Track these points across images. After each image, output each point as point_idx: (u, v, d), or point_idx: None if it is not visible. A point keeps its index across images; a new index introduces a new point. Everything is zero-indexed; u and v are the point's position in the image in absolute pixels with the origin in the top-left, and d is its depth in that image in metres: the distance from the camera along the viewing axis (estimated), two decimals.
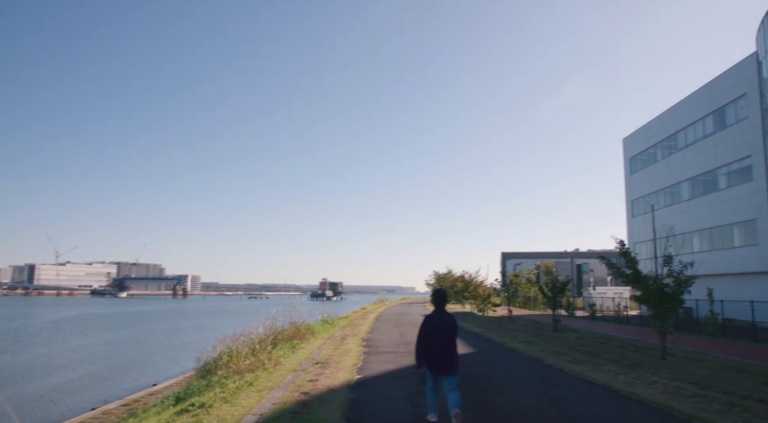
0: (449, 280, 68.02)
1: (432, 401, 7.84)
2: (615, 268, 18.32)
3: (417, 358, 7.66)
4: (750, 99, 36.38)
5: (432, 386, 7.84)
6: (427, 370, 7.68)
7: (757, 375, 13.72)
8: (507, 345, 20.63)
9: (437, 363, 7.52)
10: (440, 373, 7.55)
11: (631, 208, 54.15)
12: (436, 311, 7.88)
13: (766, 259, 34.45)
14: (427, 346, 7.57)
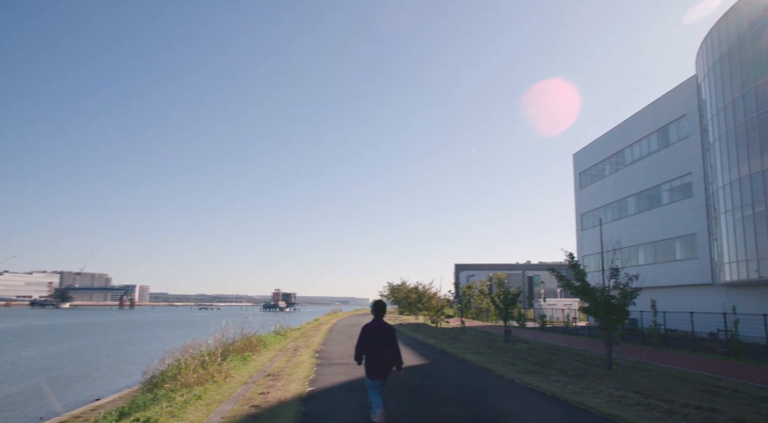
0: (403, 292, 68.14)
1: (376, 400, 8.29)
2: (564, 281, 18.74)
3: (356, 358, 8.31)
4: (690, 119, 38.08)
5: (371, 388, 8.34)
6: (366, 373, 8.28)
7: (695, 383, 14.23)
8: (459, 356, 20.78)
9: (374, 368, 8.17)
10: (377, 376, 8.17)
11: (581, 221, 55.67)
12: (374, 321, 8.50)
13: (704, 272, 35.92)
14: (365, 352, 8.24)
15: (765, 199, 27.85)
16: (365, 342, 8.24)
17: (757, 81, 28.54)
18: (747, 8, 29.87)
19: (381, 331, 8.32)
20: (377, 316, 8.54)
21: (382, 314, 8.62)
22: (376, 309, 8.60)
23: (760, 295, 30.33)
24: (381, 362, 8.17)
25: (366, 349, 8.22)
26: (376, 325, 8.41)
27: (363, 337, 8.28)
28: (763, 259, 27.98)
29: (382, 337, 8.28)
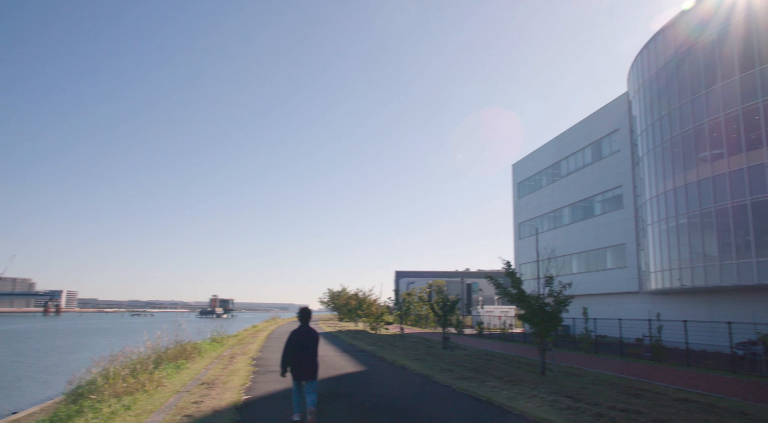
0: (343, 298, 67.95)
1: (296, 403, 9.05)
2: (502, 288, 19.15)
3: (281, 366, 8.99)
4: (622, 134, 39.87)
5: (296, 390, 9.09)
6: (292, 375, 8.95)
7: (622, 387, 14.83)
8: (398, 363, 20.86)
9: (300, 370, 8.87)
10: (302, 378, 8.89)
11: (519, 230, 57.16)
12: (300, 326, 9.20)
13: (633, 281, 37.56)
14: (292, 356, 8.92)
15: (687, 212, 29.43)
16: (292, 346, 8.92)
17: (681, 101, 30.19)
18: (672, 34, 31.59)
19: (307, 336, 9.05)
20: (303, 322, 9.25)
21: (308, 320, 9.32)
22: (302, 315, 9.34)
23: (682, 303, 31.99)
24: (307, 365, 8.88)
25: (293, 353, 8.89)
26: (302, 330, 9.11)
27: (290, 342, 8.96)
28: (684, 269, 29.51)
29: (308, 341, 9.01)
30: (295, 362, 8.89)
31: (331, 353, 25.30)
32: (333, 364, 20.28)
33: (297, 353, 8.91)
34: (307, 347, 8.98)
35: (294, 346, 8.93)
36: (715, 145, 27.98)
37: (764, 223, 24.80)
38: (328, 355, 23.93)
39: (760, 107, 25.30)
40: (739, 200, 25.98)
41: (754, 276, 25.06)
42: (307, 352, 8.96)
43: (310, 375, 8.93)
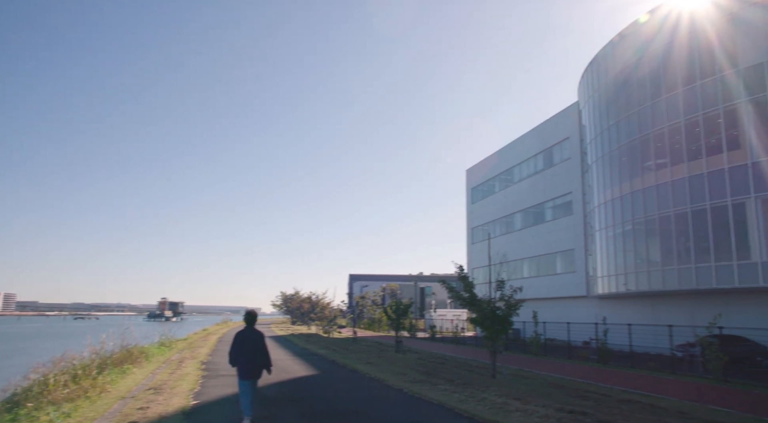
0: (296, 301, 67.32)
1: (245, 405, 9.44)
2: (454, 292, 19.33)
3: (230, 362, 9.57)
4: (572, 142, 40.95)
5: (243, 391, 9.48)
6: (238, 374, 9.44)
7: (569, 389, 15.18)
8: (350, 366, 20.79)
9: (246, 369, 9.42)
10: (247, 376, 9.43)
11: (471, 235, 57.90)
12: (246, 328, 9.71)
13: (581, 285, 38.57)
14: (238, 356, 9.43)
15: (632, 219, 30.44)
16: (238, 347, 9.46)
17: (628, 111, 31.24)
18: (621, 47, 32.69)
19: (252, 337, 9.58)
20: (249, 324, 9.81)
21: (253, 322, 9.88)
22: (248, 317, 9.89)
23: (627, 307, 33.04)
24: (252, 364, 9.44)
25: (239, 353, 9.43)
26: (248, 331, 9.63)
27: (236, 343, 9.52)
28: (630, 274, 30.49)
29: (253, 341, 9.55)
30: (242, 362, 9.42)
31: (283, 357, 25.01)
32: (285, 368, 20.04)
33: (243, 353, 9.43)
34: (253, 347, 9.50)
35: (239, 347, 9.46)
36: (659, 155, 29.05)
37: (703, 231, 25.87)
38: (280, 359, 23.64)
39: (700, 120, 26.41)
40: (681, 208, 27.03)
41: (693, 281, 26.11)
42: (253, 352, 9.48)
43: (256, 374, 9.53)
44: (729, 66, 25.38)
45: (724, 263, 24.75)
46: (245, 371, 9.41)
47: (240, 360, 9.43)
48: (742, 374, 18.85)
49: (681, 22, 28.02)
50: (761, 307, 24.55)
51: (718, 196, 25.27)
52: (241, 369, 9.42)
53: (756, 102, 24.20)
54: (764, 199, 23.57)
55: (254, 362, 9.48)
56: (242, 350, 9.45)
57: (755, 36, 24.53)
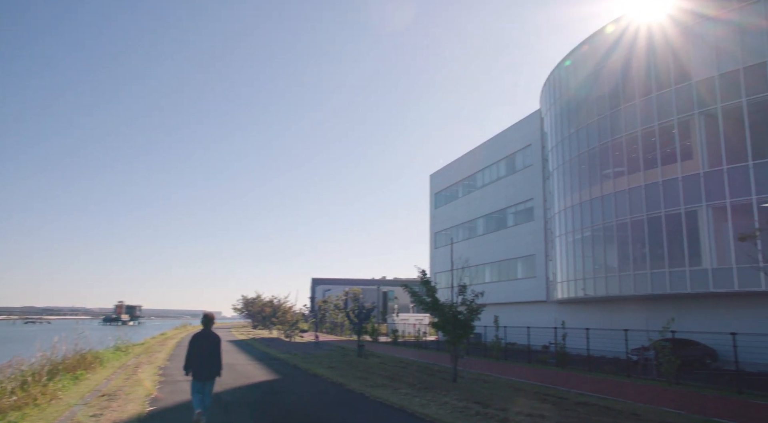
0: (258, 305, 66.54)
1: (197, 400, 9.63)
2: (417, 296, 19.40)
3: (184, 367, 9.67)
4: (534, 149, 41.68)
5: (196, 390, 9.65)
6: (193, 375, 9.60)
7: (528, 392, 15.40)
8: (312, 371, 20.65)
9: (201, 370, 9.59)
10: (203, 378, 9.62)
11: (434, 240, 58.29)
12: (203, 330, 9.92)
13: (541, 290, 39.23)
14: (194, 358, 9.60)
15: (591, 225, 31.14)
16: (194, 348, 9.66)
17: (588, 120, 31.99)
18: (582, 57, 33.46)
19: (208, 339, 9.79)
20: (206, 326, 9.98)
21: (210, 325, 10.05)
22: (205, 320, 10.06)
23: (585, 311, 33.75)
24: (206, 366, 9.61)
25: (194, 355, 9.61)
26: (204, 333, 9.85)
27: (192, 344, 9.72)
28: (588, 279, 31.17)
29: (209, 344, 9.75)
30: (197, 363, 9.59)
31: (243, 361, 24.67)
32: (245, 372, 19.75)
33: (199, 355, 9.61)
34: (209, 350, 9.70)
35: (195, 349, 9.65)
36: (617, 164, 29.82)
37: (658, 238, 26.64)
38: (240, 364, 23.31)
39: (656, 130, 27.23)
40: (637, 216, 27.79)
41: (648, 287, 26.85)
42: (208, 354, 9.67)
43: (210, 375, 9.71)
44: (683, 79, 26.25)
45: (677, 269, 25.53)
46: (199, 373, 9.58)
47: (195, 362, 9.59)
48: (692, 376, 19.45)
49: (639, 34, 28.86)
50: (711, 312, 25.41)
51: (672, 205, 26.07)
52: (195, 371, 9.59)
53: (707, 114, 25.08)
54: (715, 208, 24.42)
55: (209, 364, 9.66)
56: (198, 352, 9.62)
57: (707, 50, 25.44)
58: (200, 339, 9.76)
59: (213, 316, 10.21)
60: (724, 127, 24.27)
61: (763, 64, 23.07)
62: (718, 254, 24.12)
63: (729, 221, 23.85)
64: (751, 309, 23.27)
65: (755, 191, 22.76)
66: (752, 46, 23.72)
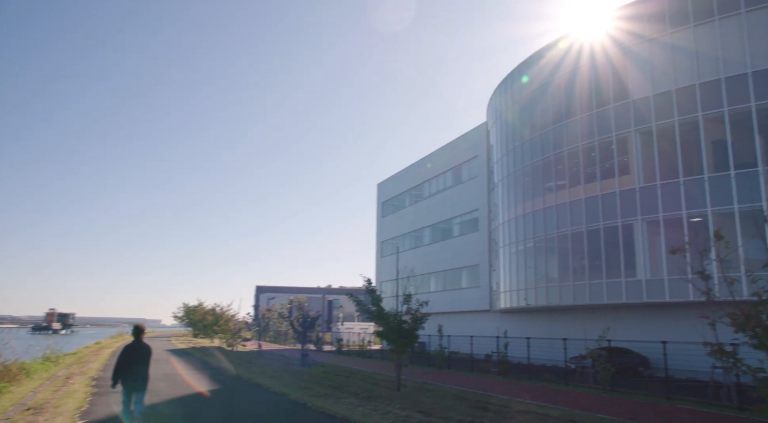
0: (199, 313, 64.79)
1: (126, 413, 9.70)
2: (361, 305, 19.37)
3: (113, 378, 9.68)
4: (480, 161, 42.47)
5: (126, 401, 9.70)
6: (123, 387, 9.63)
7: (471, 401, 15.59)
8: (253, 380, 20.26)
9: (131, 382, 9.63)
10: (133, 389, 9.66)
11: (381, 249, 58.43)
12: (134, 341, 10.03)
13: (484, 299, 39.87)
14: (124, 369, 9.63)
15: (534, 236, 31.94)
16: (124, 360, 9.71)
17: (532, 134, 32.88)
18: (527, 72, 34.40)
19: (139, 350, 9.89)
20: (136, 337, 10.10)
21: (140, 335, 10.18)
22: (135, 331, 10.18)
23: (527, 321, 34.51)
24: (137, 377, 9.69)
25: (124, 365, 9.67)
26: (135, 344, 9.97)
27: (122, 356, 9.78)
28: (530, 289, 31.91)
29: (140, 355, 9.84)
30: (127, 375, 9.65)
31: (182, 371, 23.95)
32: (183, 382, 19.18)
33: (129, 366, 9.68)
34: (139, 360, 9.80)
35: (126, 360, 9.72)
36: (559, 177, 30.74)
37: (597, 250, 27.58)
38: (180, 374, 22.63)
39: (596, 145, 28.25)
40: (577, 228, 28.69)
41: (586, 297, 27.72)
42: (139, 365, 9.76)
43: (140, 387, 9.79)
44: (622, 97, 27.36)
45: (613, 280, 26.47)
46: (129, 384, 9.66)
47: (124, 373, 9.67)
48: (626, 383, 20.15)
49: (583, 53, 29.90)
50: (644, 321, 26.46)
51: (610, 218, 27.05)
52: (124, 382, 9.66)
53: (643, 132, 26.21)
54: (649, 222, 25.48)
55: (139, 375, 9.76)
56: (128, 363, 9.72)
57: (644, 70, 26.63)
58: (131, 350, 9.86)
59: (143, 327, 10.38)
60: (658, 145, 25.43)
61: (693, 86, 24.33)
62: (652, 266, 25.17)
63: (662, 235, 24.94)
64: (681, 318, 24.33)
65: (685, 206, 23.91)
66: (684, 68, 24.98)
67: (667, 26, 25.64)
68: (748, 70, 22.85)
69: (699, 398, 16.26)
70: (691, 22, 24.78)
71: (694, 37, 24.66)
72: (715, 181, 23.42)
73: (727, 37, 23.76)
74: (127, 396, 9.72)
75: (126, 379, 9.65)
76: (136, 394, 9.78)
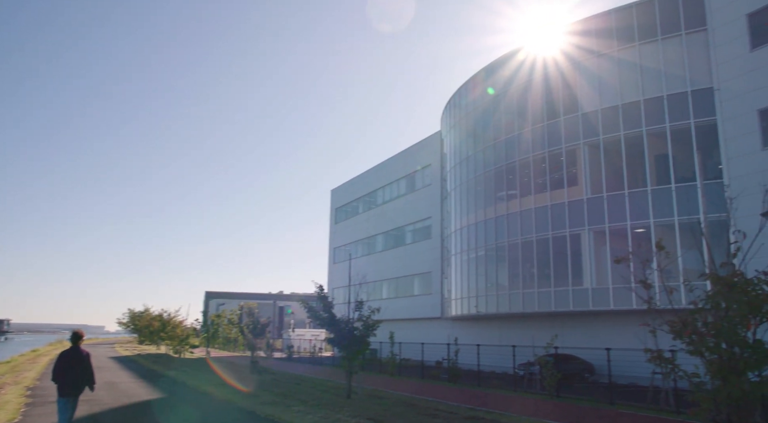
0: (145, 319, 62.92)
1: (61, 418, 9.76)
2: (313, 312, 19.23)
3: (53, 379, 9.80)
4: (434, 169, 42.91)
5: (62, 407, 9.75)
6: (59, 392, 9.72)
7: (420, 407, 15.66)
8: (200, 388, 19.81)
9: (68, 387, 9.75)
10: (68, 394, 9.75)
11: (334, 255, 58.20)
12: (71, 347, 10.08)
13: (436, 307, 40.19)
14: (62, 374, 9.69)
15: (485, 245, 32.46)
16: (61, 366, 9.77)
17: (484, 144, 33.48)
18: (481, 83, 35.04)
19: (76, 356, 9.94)
20: (74, 343, 10.14)
21: (77, 341, 10.21)
22: (73, 338, 10.23)
23: (477, 328, 34.97)
24: (73, 382, 9.77)
25: (62, 371, 9.71)
26: (72, 350, 10.00)
27: (59, 362, 9.84)
28: (481, 297, 32.37)
29: (77, 360, 9.91)
30: (64, 380, 9.70)
31: (126, 379, 23.19)
32: (126, 391, 18.56)
33: (67, 372, 9.74)
34: (76, 366, 9.85)
35: (62, 367, 9.75)
36: (510, 187, 31.37)
37: (546, 259, 28.24)
38: (122, 382, 21.90)
39: (546, 156, 28.98)
40: (527, 237, 29.32)
41: (535, 305, 28.32)
42: (76, 371, 9.83)
43: (75, 392, 9.86)
44: (572, 110, 28.18)
45: (561, 288, 27.14)
46: (65, 389, 9.70)
47: (61, 379, 9.70)
48: (572, 389, 20.67)
49: (536, 65, 30.64)
50: (589, 329, 27.22)
51: (558, 227, 27.76)
52: (61, 387, 9.70)
53: (591, 144, 27.06)
54: (596, 232, 26.28)
55: (76, 380, 9.81)
56: (66, 369, 9.76)
57: (593, 85, 27.52)
58: (68, 356, 9.93)
59: (82, 333, 10.48)
60: (605, 158, 26.30)
61: (638, 102, 25.30)
62: (598, 275, 25.94)
63: (607, 244, 25.77)
64: (624, 326, 25.13)
65: (630, 217, 24.79)
66: (630, 84, 25.97)
67: (615, 43, 26.59)
68: (688, 88, 23.94)
69: (640, 403, 16.82)
70: (637, 40, 25.80)
71: (640, 54, 25.67)
72: (657, 193, 24.39)
73: (669, 56, 24.85)
74: (63, 404, 9.72)
75: (63, 386, 9.68)
76: (72, 399, 9.86)
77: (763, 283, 6.70)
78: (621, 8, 26.65)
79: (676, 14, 24.76)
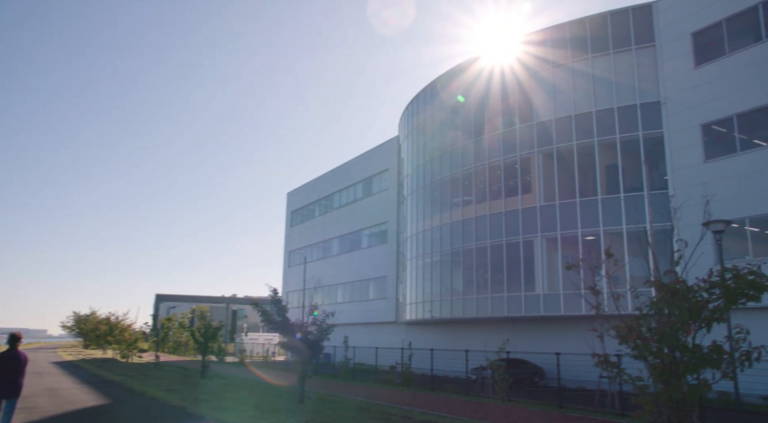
0: (91, 323, 60.97)
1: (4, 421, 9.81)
2: (266, 315, 18.98)
3: None
4: (391, 174, 43.11)
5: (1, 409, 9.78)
6: None
7: (374, 412, 15.65)
8: (149, 394, 19.25)
9: (3, 389, 9.69)
10: (5, 396, 9.74)
11: (289, 258, 57.69)
12: (8, 349, 9.98)
13: (391, 311, 40.30)
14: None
15: (440, 250, 32.77)
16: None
17: (441, 151, 33.85)
18: (438, 90, 35.45)
19: (12, 359, 9.85)
20: (11, 345, 10.06)
21: (15, 344, 10.11)
22: (10, 340, 10.14)
23: (431, 332, 35.22)
24: (9, 385, 9.70)
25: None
26: (9, 353, 9.93)
27: None
28: (435, 302, 32.63)
29: (14, 363, 9.83)
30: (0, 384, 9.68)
31: (68, 385, 22.36)
32: (69, 397, 17.88)
33: (2, 376, 9.68)
34: (11, 369, 9.80)
35: None
36: (466, 193, 31.80)
37: (499, 264, 28.71)
38: (65, 388, 21.10)
39: (501, 164, 29.50)
40: (482, 243, 29.74)
41: (488, 310, 28.74)
42: (11, 373, 9.76)
43: (13, 394, 9.81)
44: (527, 119, 28.80)
45: (514, 294, 27.64)
46: (2, 391, 9.70)
47: None
48: (523, 393, 21.02)
49: (493, 74, 31.19)
50: (541, 334, 27.80)
51: (512, 234, 28.27)
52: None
53: (545, 153, 27.70)
54: (548, 239, 26.89)
55: (12, 383, 9.79)
56: (2, 371, 9.73)
57: (548, 95, 28.21)
58: (5, 358, 9.87)
59: (20, 335, 10.33)
60: (558, 167, 26.97)
61: (590, 113, 26.06)
62: (549, 281, 26.53)
63: (559, 251, 26.39)
64: (574, 331, 25.78)
65: (581, 225, 25.47)
66: (583, 95, 26.74)
67: (569, 54, 27.34)
68: (637, 101, 24.82)
69: (587, 406, 17.25)
70: (590, 52, 26.59)
71: (592, 66, 26.46)
72: (607, 202, 25.14)
73: (620, 69, 25.72)
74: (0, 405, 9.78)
75: None
76: (8, 403, 9.88)
77: (703, 290, 7.00)
78: (575, 21, 27.43)
79: (627, 29, 25.66)
